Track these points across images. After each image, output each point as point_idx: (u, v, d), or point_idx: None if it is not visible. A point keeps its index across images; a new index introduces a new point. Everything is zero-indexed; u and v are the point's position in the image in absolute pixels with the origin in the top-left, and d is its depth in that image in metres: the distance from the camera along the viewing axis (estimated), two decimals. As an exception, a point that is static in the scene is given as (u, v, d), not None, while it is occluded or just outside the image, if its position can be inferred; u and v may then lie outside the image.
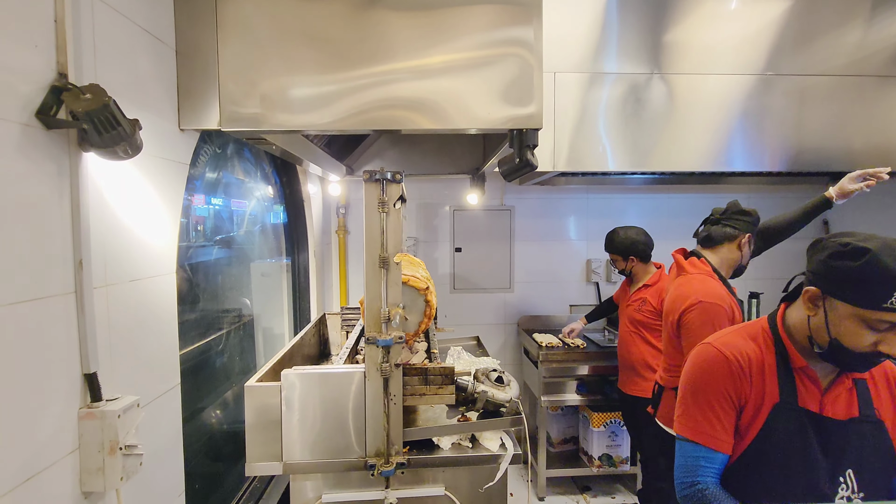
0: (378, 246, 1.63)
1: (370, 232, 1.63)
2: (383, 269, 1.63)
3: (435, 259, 4.14)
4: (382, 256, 1.62)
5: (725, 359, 1.33)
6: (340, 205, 3.93)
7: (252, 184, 2.92)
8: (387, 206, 1.62)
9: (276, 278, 3.29)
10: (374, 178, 1.61)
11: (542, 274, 4.19)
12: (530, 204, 4.16)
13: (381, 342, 1.63)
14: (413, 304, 1.77)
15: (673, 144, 3.03)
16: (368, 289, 1.64)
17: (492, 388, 1.85)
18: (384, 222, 1.62)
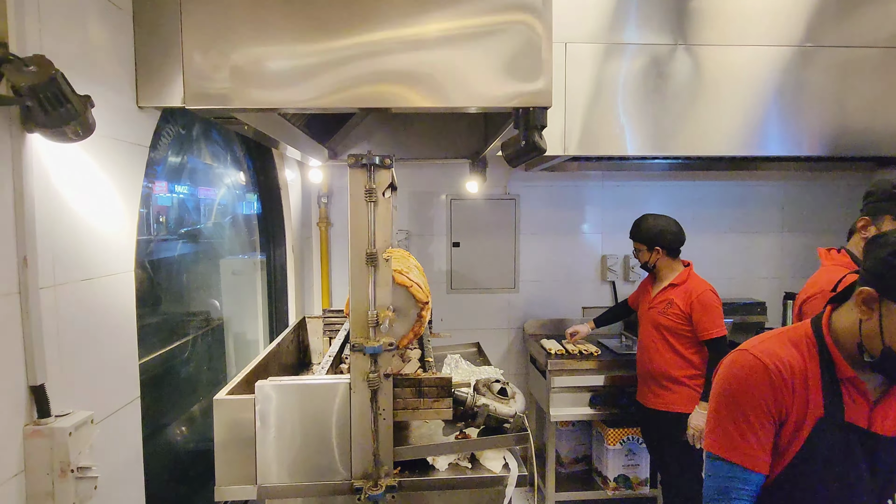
0: (365, 240, 1.62)
1: (356, 224, 1.62)
2: (371, 267, 1.62)
3: (429, 255, 4.14)
4: (370, 252, 1.61)
5: (765, 367, 1.32)
6: (322, 193, 3.91)
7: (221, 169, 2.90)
8: (375, 195, 1.61)
9: (248, 277, 3.28)
10: (361, 163, 1.59)
11: (551, 272, 4.20)
12: (538, 192, 4.16)
13: (368, 349, 1.62)
14: (405, 307, 1.77)
15: (699, 125, 3.03)
16: (354, 289, 1.64)
17: (494, 402, 1.85)
18: (372, 213, 1.61)
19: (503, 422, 1.87)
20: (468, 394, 1.86)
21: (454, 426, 1.91)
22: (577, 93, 2.94)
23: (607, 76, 2.97)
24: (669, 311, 2.91)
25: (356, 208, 1.62)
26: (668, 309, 2.92)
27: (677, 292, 2.92)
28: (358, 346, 1.64)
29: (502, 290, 4.19)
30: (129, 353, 1.68)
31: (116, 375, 1.61)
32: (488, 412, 1.83)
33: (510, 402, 1.88)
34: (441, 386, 1.74)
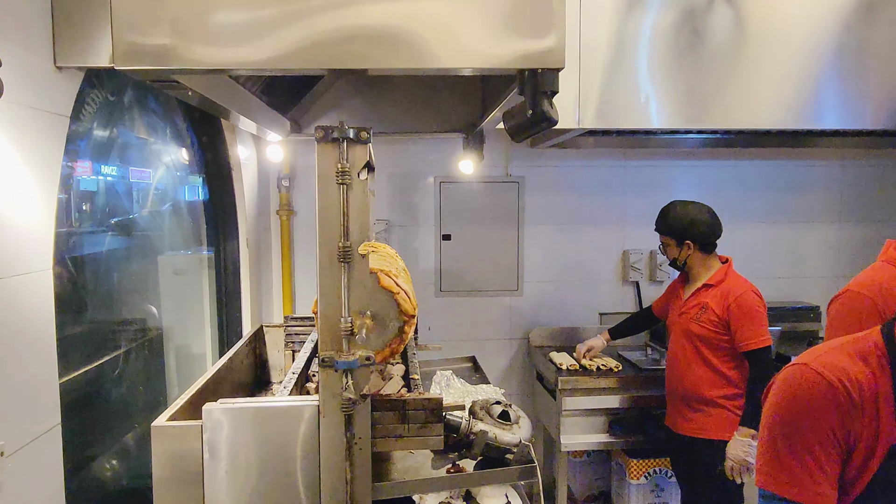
0: (336, 231, 1.61)
1: (325, 212, 1.61)
2: (344, 265, 1.61)
3: (414, 250, 4.14)
4: (343, 246, 1.60)
5: (829, 385, 1.32)
6: (283, 175, 3.90)
7: (159, 145, 2.88)
8: (349, 176, 1.60)
9: (193, 277, 3.27)
10: (331, 137, 1.58)
11: (562, 270, 4.21)
12: (545, 174, 4.16)
13: (340, 364, 1.62)
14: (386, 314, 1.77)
15: (741, 93, 3.04)
16: (323, 292, 1.63)
17: (494, 428, 1.85)
18: (345, 198, 1.60)
19: (505, 452, 1.88)
20: (462, 418, 1.86)
21: (445, 457, 1.90)
22: (595, 52, 2.94)
23: (631, 32, 2.97)
24: (703, 318, 2.93)
25: (325, 192, 1.61)
26: (702, 315, 2.93)
27: (713, 294, 2.94)
28: (328, 360, 1.63)
29: (503, 292, 4.20)
30: (47, 370, 1.66)
31: (32, 397, 1.59)
32: (487, 440, 1.83)
33: (513, 428, 1.88)
34: (430, 409, 1.73)
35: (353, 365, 1.63)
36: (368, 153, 1.64)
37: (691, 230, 2.97)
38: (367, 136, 1.61)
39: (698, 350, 2.95)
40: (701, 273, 3.03)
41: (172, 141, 2.97)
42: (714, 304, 2.91)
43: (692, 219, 2.98)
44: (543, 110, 1.59)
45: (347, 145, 1.60)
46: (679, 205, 3.04)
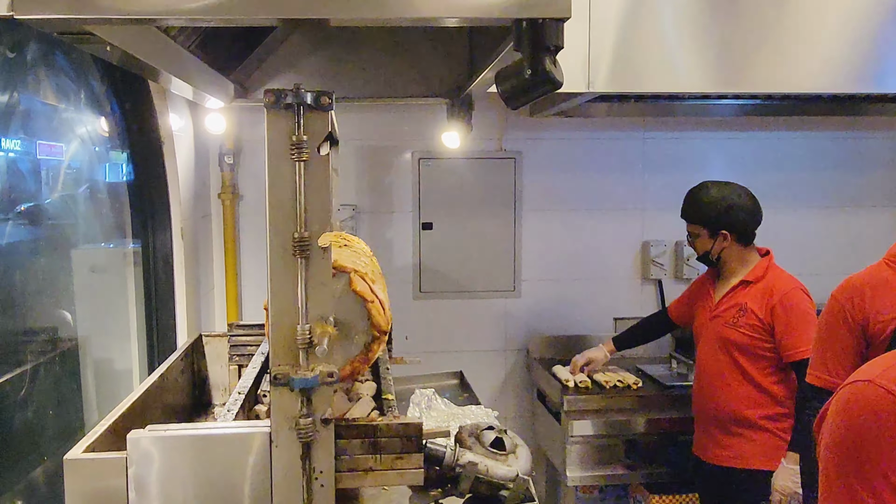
0: (291, 218, 1.59)
1: (277, 195, 1.59)
2: (300, 259, 1.59)
3: (387, 242, 4.13)
4: (299, 237, 1.58)
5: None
6: (226, 150, 3.88)
7: (72, 113, 2.85)
8: (305, 151, 1.57)
9: (116, 276, 3.24)
10: (284, 104, 1.56)
11: (568, 266, 4.22)
12: (548, 149, 4.16)
13: (297, 383, 1.60)
14: (354, 321, 1.75)
15: (787, 51, 3.05)
16: (275, 293, 1.61)
17: (485, 459, 1.86)
18: (301, 178, 1.58)
19: (499, 488, 1.88)
20: (447, 447, 1.86)
21: (426, 495, 1.91)
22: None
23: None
24: (741, 322, 2.95)
25: (277, 171, 1.59)
26: (740, 318, 2.95)
27: (753, 293, 2.96)
28: (281, 377, 1.61)
29: (496, 293, 4.20)
30: (-69, 391, 1.64)
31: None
32: (477, 474, 1.84)
33: (509, 458, 1.89)
34: (407, 436, 1.72)
35: (313, 383, 1.61)
36: (330, 123, 1.62)
37: (728, 217, 2.98)
38: (329, 102, 1.59)
39: (735, 361, 2.97)
40: (737, 268, 3.04)
41: (88, 108, 2.93)
42: (754, 305, 2.93)
43: (730, 204, 2.98)
44: (545, 70, 1.58)
45: (304, 113, 1.58)
46: (712, 186, 3.05)
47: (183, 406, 2.70)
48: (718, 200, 3.00)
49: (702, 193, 3.05)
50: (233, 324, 2.93)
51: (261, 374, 2.39)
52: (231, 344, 2.87)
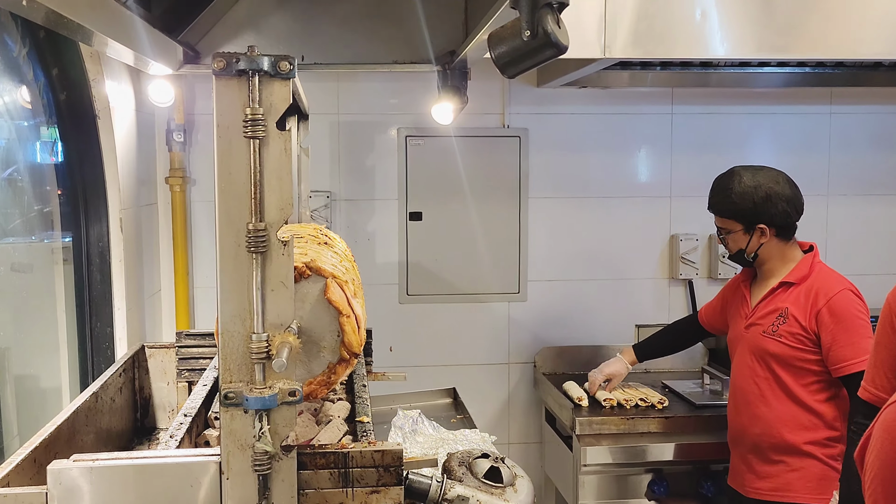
0: (245, 206, 1.58)
1: (227, 178, 1.58)
2: (256, 255, 1.59)
3: (368, 235, 4.13)
4: (253, 229, 1.58)
5: None
6: (175, 125, 3.87)
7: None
8: (262, 126, 1.56)
9: (41, 275, 3.22)
10: (236, 70, 1.54)
11: (582, 264, 4.23)
12: (559, 125, 4.16)
13: (252, 402, 1.59)
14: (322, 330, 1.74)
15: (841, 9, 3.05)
16: (226, 295, 1.61)
17: (478, 493, 1.84)
18: (256, 158, 1.57)
19: (494, 526, 1.87)
20: (433, 478, 1.85)
21: (409, 535, 1.90)
22: (628, -53, 2.94)
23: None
24: (782, 330, 2.95)
25: (228, 149, 1.58)
26: (780, 326, 2.96)
27: (795, 296, 2.96)
28: (234, 396, 1.60)
29: (497, 296, 4.20)
30: None
31: None
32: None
33: (506, 492, 1.88)
34: (384, 465, 1.71)
35: (270, 403, 1.60)
36: (293, 93, 1.62)
37: (766, 209, 2.97)
38: (290, 68, 1.57)
39: (776, 376, 2.97)
40: (777, 268, 3.05)
41: (6, 75, 2.91)
42: (797, 311, 2.93)
43: (767, 192, 2.98)
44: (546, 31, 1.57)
45: (260, 81, 1.57)
46: (745, 173, 3.04)
47: (121, 431, 2.68)
48: (753, 189, 2.98)
49: (733, 182, 3.03)
50: (182, 333, 2.91)
51: (213, 392, 2.38)
52: (180, 357, 2.86)
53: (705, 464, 3.44)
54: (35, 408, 3.09)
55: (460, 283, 4.17)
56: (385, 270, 4.12)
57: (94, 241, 3.33)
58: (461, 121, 3.91)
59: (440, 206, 4.13)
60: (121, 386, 2.70)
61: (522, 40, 1.60)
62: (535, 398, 4.22)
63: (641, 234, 4.25)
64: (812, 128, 4.26)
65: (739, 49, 3.10)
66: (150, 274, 3.83)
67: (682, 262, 4.21)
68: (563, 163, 4.18)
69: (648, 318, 4.25)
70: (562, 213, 4.20)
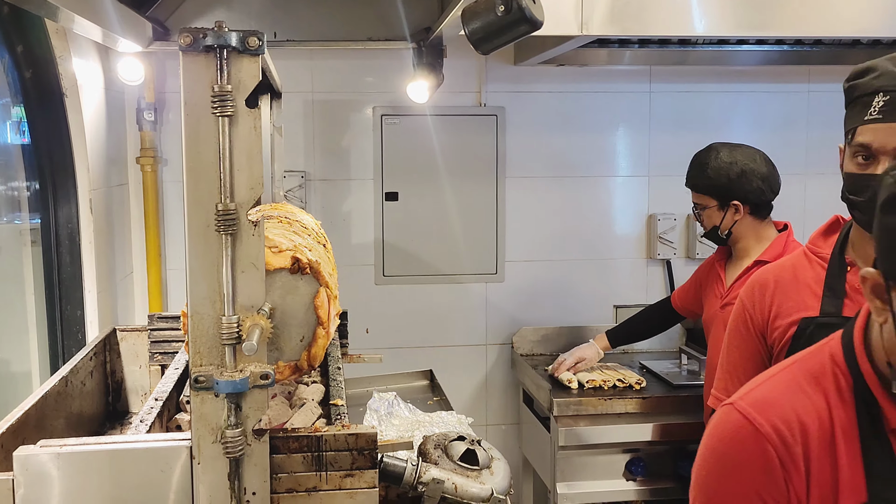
0: (214, 186, 1.57)
1: (196, 158, 1.57)
2: (226, 236, 1.58)
3: (344, 215, 4.11)
4: (223, 209, 1.57)
5: (756, 434, 1.39)
6: (145, 104, 3.84)
7: (-51, 58, 2.79)
8: (230, 104, 1.55)
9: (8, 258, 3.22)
10: (203, 46, 1.53)
11: (560, 244, 4.23)
12: (537, 104, 4.15)
13: (222, 386, 1.59)
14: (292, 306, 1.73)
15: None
16: (194, 277, 1.60)
17: (454, 475, 1.85)
18: (225, 137, 1.56)
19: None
20: (408, 461, 1.86)
21: (384, 519, 1.90)
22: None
23: None
24: None
25: (196, 128, 1.57)
26: None
27: None
28: (204, 379, 1.60)
29: (474, 276, 4.20)
30: None
31: None
32: (444, 493, 1.84)
33: (482, 474, 1.89)
34: (358, 449, 1.71)
35: (241, 386, 1.59)
36: (262, 69, 1.61)
37: (741, 186, 3.00)
38: (259, 44, 1.56)
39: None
40: (751, 246, 3.06)
41: (-30, 52, 2.88)
42: None
43: (742, 168, 3.00)
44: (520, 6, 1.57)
45: (229, 56, 1.55)
46: (722, 149, 3.07)
47: (92, 415, 2.68)
48: (729, 165, 3.01)
49: (710, 157, 3.07)
50: (154, 315, 2.90)
51: (184, 376, 2.38)
52: (152, 340, 2.86)
53: (683, 444, 3.45)
54: (5, 392, 3.09)
55: (437, 263, 4.16)
56: (361, 251, 4.11)
57: (64, 223, 3.31)
58: (437, 99, 3.90)
59: (416, 186, 4.12)
60: (92, 370, 2.69)
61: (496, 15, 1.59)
62: (512, 379, 4.23)
63: (619, 213, 4.26)
64: (790, 106, 4.28)
65: (718, 26, 3.09)
66: (122, 256, 3.81)
67: (660, 241, 4.22)
68: (540, 142, 4.16)
69: (626, 299, 4.26)
70: (539, 193, 4.19)
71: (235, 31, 1.56)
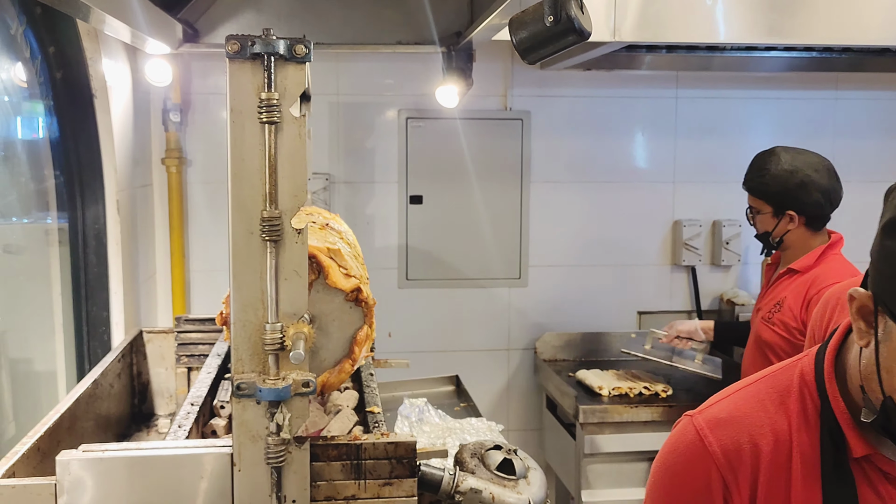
0: (259, 193, 1.58)
1: (241, 165, 1.58)
2: (269, 243, 1.59)
3: (368, 218, 4.11)
4: (268, 216, 1.58)
5: (705, 453, 1.39)
6: (171, 105, 3.85)
7: (-18, 58, 2.80)
8: (277, 112, 1.57)
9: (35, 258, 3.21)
10: (251, 53, 1.55)
11: (584, 250, 4.23)
12: (562, 109, 4.15)
13: (265, 393, 1.60)
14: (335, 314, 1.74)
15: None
16: (238, 284, 1.61)
17: (491, 485, 1.84)
18: (271, 144, 1.58)
19: (507, 519, 1.87)
20: (445, 470, 1.85)
21: (419, 528, 1.89)
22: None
23: None
24: (776, 319, 2.95)
25: (242, 135, 1.58)
26: (776, 314, 2.96)
27: (795, 285, 2.94)
28: (246, 386, 1.61)
29: (498, 281, 4.19)
30: None
31: None
32: (481, 502, 1.83)
33: (519, 484, 1.88)
34: (397, 457, 1.72)
35: (285, 395, 1.60)
36: (307, 76, 1.61)
37: (798, 197, 2.93)
38: (307, 52, 1.58)
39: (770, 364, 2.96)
40: (796, 256, 3.03)
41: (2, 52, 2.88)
42: (792, 300, 2.91)
43: (802, 180, 2.91)
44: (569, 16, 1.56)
45: (276, 65, 1.57)
46: (785, 155, 2.97)
47: (119, 417, 2.71)
48: (790, 174, 2.92)
49: (770, 163, 2.97)
50: (180, 318, 2.92)
51: (217, 380, 2.38)
52: (178, 342, 2.87)
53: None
54: (30, 392, 3.09)
55: (460, 267, 4.16)
56: (384, 254, 4.10)
57: (91, 224, 3.31)
58: (462, 103, 3.89)
59: (441, 190, 4.11)
60: (119, 372, 2.73)
61: (545, 25, 1.59)
62: (535, 385, 4.22)
63: (644, 219, 4.24)
64: (817, 113, 4.26)
65: (748, 33, 3.09)
66: (146, 257, 3.81)
67: (685, 248, 4.20)
68: (565, 146, 4.16)
69: (651, 305, 4.25)
70: (564, 198, 4.18)
71: (283, 38, 1.57)
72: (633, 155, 4.21)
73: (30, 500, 1.64)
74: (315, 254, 1.74)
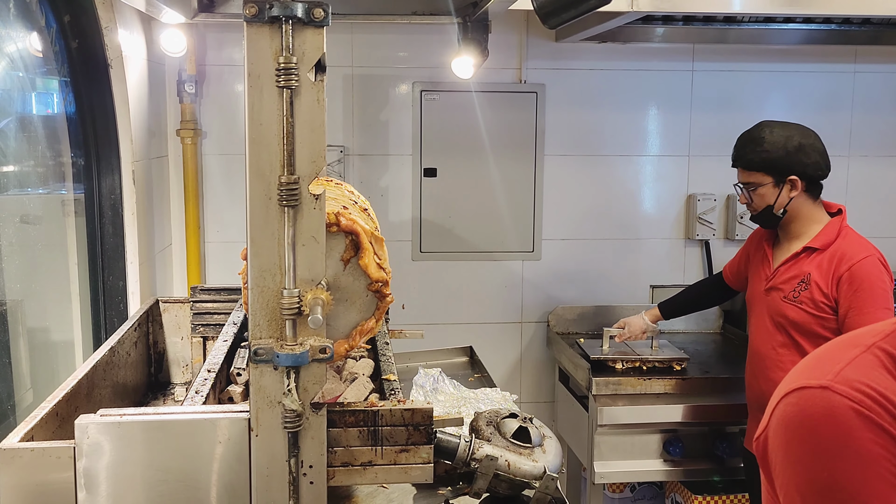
0: (276, 158, 1.57)
1: (258, 130, 1.57)
2: (287, 210, 1.58)
3: (382, 190, 4.11)
4: (286, 181, 1.57)
5: (863, 418, 1.29)
6: (187, 76, 3.85)
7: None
8: (295, 76, 1.55)
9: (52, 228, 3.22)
10: (269, 16, 1.52)
11: (598, 223, 4.22)
12: (576, 81, 4.13)
13: (282, 359, 1.59)
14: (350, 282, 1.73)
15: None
16: (256, 250, 1.60)
17: (507, 453, 1.85)
18: (289, 110, 1.56)
19: (522, 487, 1.88)
20: (461, 437, 1.86)
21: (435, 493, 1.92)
22: None
23: None
24: (804, 297, 2.93)
25: (259, 100, 1.56)
26: (802, 292, 2.93)
27: (818, 262, 2.93)
28: (263, 352, 1.60)
29: (512, 254, 4.20)
30: None
31: None
32: (497, 470, 1.83)
33: (535, 452, 1.88)
34: (414, 424, 1.72)
35: (302, 360, 1.60)
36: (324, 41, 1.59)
37: (799, 159, 2.92)
38: (324, 16, 1.55)
39: (795, 342, 2.96)
40: (804, 228, 3.00)
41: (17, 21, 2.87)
42: (819, 277, 2.90)
43: (800, 142, 2.93)
44: (591, -22, 1.54)
45: (294, 28, 1.55)
46: (775, 126, 3.00)
47: (136, 385, 2.72)
48: (785, 139, 2.94)
49: (764, 132, 2.98)
50: (196, 287, 2.93)
51: (233, 348, 2.39)
52: (194, 311, 2.88)
53: (721, 425, 3.46)
54: (47, 361, 3.11)
55: (474, 240, 4.16)
56: (398, 227, 4.11)
57: (107, 194, 3.33)
58: (477, 75, 3.88)
59: (455, 163, 4.11)
60: (136, 340, 2.73)
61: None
62: (547, 357, 4.23)
63: (658, 193, 4.24)
64: (835, 87, 4.23)
65: (762, 5, 3.07)
66: (161, 228, 3.83)
67: (699, 222, 4.19)
68: (580, 119, 4.14)
69: (663, 279, 4.25)
70: (578, 171, 4.17)
71: (301, 1, 1.55)
72: (647, 129, 4.20)
73: (49, 464, 1.65)
74: (360, 233, 1.72)
